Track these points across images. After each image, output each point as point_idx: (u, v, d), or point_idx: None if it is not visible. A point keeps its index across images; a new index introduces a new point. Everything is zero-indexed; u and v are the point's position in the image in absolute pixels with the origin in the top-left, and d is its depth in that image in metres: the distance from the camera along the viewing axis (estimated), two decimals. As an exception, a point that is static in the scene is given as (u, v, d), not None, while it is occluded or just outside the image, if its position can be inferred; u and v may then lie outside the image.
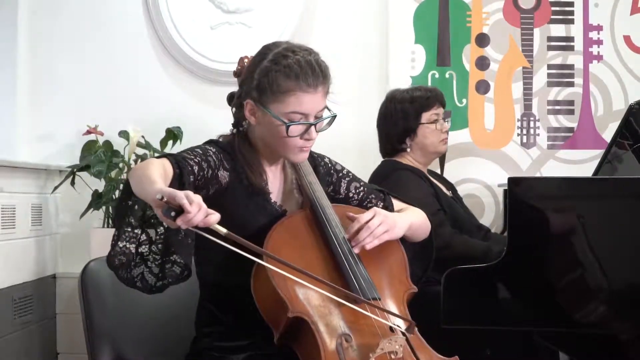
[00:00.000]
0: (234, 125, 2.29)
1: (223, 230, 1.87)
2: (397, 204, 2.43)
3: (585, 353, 3.02)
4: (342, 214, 2.26)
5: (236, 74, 2.40)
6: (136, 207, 2.04)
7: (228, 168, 2.17)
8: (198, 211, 1.80)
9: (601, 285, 2.79)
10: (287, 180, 2.33)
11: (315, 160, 2.38)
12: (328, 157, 2.43)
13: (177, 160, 2.02)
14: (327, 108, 2.21)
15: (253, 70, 2.20)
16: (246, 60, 2.36)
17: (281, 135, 2.16)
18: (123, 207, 2.05)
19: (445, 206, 3.32)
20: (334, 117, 2.22)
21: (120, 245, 2.05)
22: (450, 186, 3.61)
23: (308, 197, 2.27)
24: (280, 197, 2.30)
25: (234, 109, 2.30)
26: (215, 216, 1.84)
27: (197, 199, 1.81)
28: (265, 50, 2.23)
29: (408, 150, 3.43)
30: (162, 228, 2.07)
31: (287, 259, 2.02)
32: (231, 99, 2.36)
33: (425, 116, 3.41)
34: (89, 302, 2.32)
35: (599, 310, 2.79)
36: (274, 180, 2.29)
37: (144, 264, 2.08)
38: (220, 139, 2.28)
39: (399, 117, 3.42)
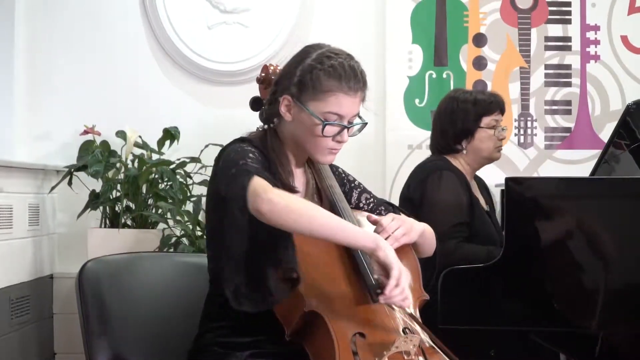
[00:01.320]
0: (264, 121, 2.30)
1: (410, 310, 2.09)
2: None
3: (583, 353, 3.03)
4: (359, 217, 2.29)
5: (259, 80, 2.43)
6: None
7: (265, 168, 2.19)
8: (400, 294, 2.01)
9: (598, 285, 2.79)
10: (309, 185, 2.35)
11: (332, 167, 2.42)
12: (342, 168, 2.47)
13: (266, 178, 2.06)
14: (359, 116, 2.25)
15: (294, 67, 2.22)
16: (271, 68, 2.40)
17: (315, 134, 2.19)
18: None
19: (477, 221, 3.26)
20: (365, 124, 2.26)
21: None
22: (489, 199, 3.56)
23: (328, 199, 2.29)
24: None
25: (266, 106, 2.30)
26: (408, 301, 2.04)
27: (406, 284, 2.03)
28: (309, 49, 2.26)
29: (463, 152, 3.38)
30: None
31: (307, 256, 2.09)
32: (254, 103, 2.39)
33: (485, 121, 3.35)
34: (86, 302, 2.32)
35: (595, 309, 2.79)
36: (298, 182, 2.30)
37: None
38: (250, 137, 2.28)
39: (459, 117, 3.35)
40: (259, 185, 2.03)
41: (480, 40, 4.18)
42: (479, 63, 4.17)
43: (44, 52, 4.13)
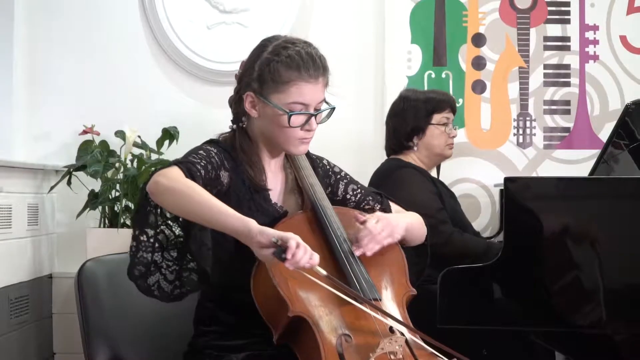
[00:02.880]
0: (233, 121, 2.29)
1: (323, 272, 1.98)
2: (394, 207, 2.43)
3: (581, 353, 3.02)
4: (343, 216, 2.27)
5: (237, 77, 2.40)
6: (152, 216, 2.06)
7: (228, 168, 2.18)
8: (305, 254, 1.91)
9: (596, 285, 2.79)
10: (288, 181, 2.33)
11: (314, 161, 2.39)
12: (326, 159, 2.45)
13: (187, 168, 2.04)
14: (326, 101, 2.23)
15: (253, 62, 2.22)
16: None
17: (282, 126, 2.18)
18: (142, 216, 2.07)
19: (447, 207, 3.33)
20: (333, 109, 2.25)
21: (139, 255, 2.07)
22: (449, 192, 3.60)
23: (310, 198, 2.28)
24: (280, 197, 2.30)
25: (233, 105, 2.30)
26: (317, 257, 1.95)
27: (303, 242, 1.92)
28: (265, 42, 2.25)
29: (415, 149, 3.46)
30: (172, 234, 2.09)
31: None
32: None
33: (436, 117, 3.45)
34: (85, 302, 2.32)
35: (594, 309, 2.79)
36: (274, 180, 2.29)
37: (159, 271, 2.11)
38: (220, 138, 2.28)
39: (410, 115, 3.45)
40: (164, 170, 2.02)
41: (479, 40, 4.18)
42: (478, 63, 4.17)
43: (43, 52, 4.12)
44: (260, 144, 2.26)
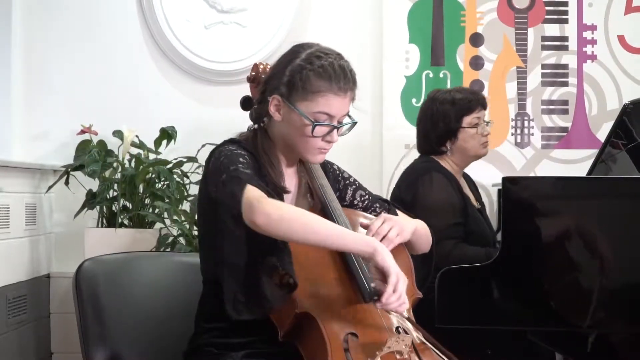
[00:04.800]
0: (254, 121, 2.29)
1: (405, 315, 2.08)
2: (400, 215, 2.43)
3: (579, 352, 3.03)
4: (352, 217, 2.28)
5: (250, 79, 2.42)
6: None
7: (254, 169, 2.18)
8: (397, 301, 2.02)
9: (594, 285, 2.80)
10: (301, 185, 2.34)
11: (325, 166, 2.40)
12: (337, 165, 2.46)
13: (259, 186, 2.06)
14: (349, 115, 2.24)
15: (284, 67, 2.21)
16: (261, 66, 2.39)
17: (305, 134, 2.18)
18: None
19: (471, 220, 3.25)
20: (355, 123, 2.25)
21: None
22: (478, 196, 3.55)
23: (320, 198, 2.28)
24: (294, 201, 2.31)
25: (256, 105, 2.30)
26: (405, 306, 2.05)
27: (403, 289, 2.03)
28: (298, 49, 2.25)
29: (448, 153, 3.35)
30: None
31: (298, 257, 2.08)
32: (244, 102, 2.38)
33: (467, 120, 3.32)
34: (83, 302, 2.32)
35: (593, 309, 2.79)
36: (290, 183, 2.30)
37: None
38: (241, 138, 2.27)
39: (440, 119, 3.32)
40: (252, 195, 2.03)
41: (477, 40, 4.18)
42: (476, 63, 4.18)
43: (41, 51, 4.12)
44: (279, 147, 2.27)
